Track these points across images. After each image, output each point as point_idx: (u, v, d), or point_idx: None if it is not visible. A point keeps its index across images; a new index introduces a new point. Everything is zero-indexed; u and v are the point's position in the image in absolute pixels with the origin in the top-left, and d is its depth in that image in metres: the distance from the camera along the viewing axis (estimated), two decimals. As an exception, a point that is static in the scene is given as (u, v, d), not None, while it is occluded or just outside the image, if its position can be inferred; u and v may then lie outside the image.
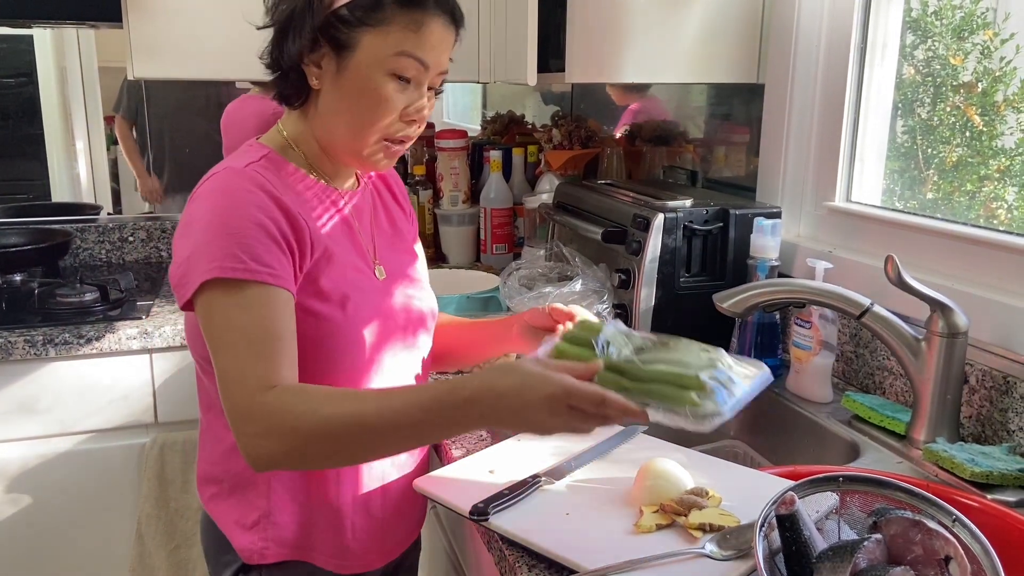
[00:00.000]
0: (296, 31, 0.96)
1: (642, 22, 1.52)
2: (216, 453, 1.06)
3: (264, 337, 0.89)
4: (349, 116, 0.98)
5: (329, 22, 0.95)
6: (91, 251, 2.37)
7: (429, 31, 0.96)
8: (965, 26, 1.37)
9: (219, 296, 0.89)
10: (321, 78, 0.98)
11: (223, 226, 0.91)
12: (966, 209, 1.37)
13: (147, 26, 1.76)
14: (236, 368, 0.88)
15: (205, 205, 0.94)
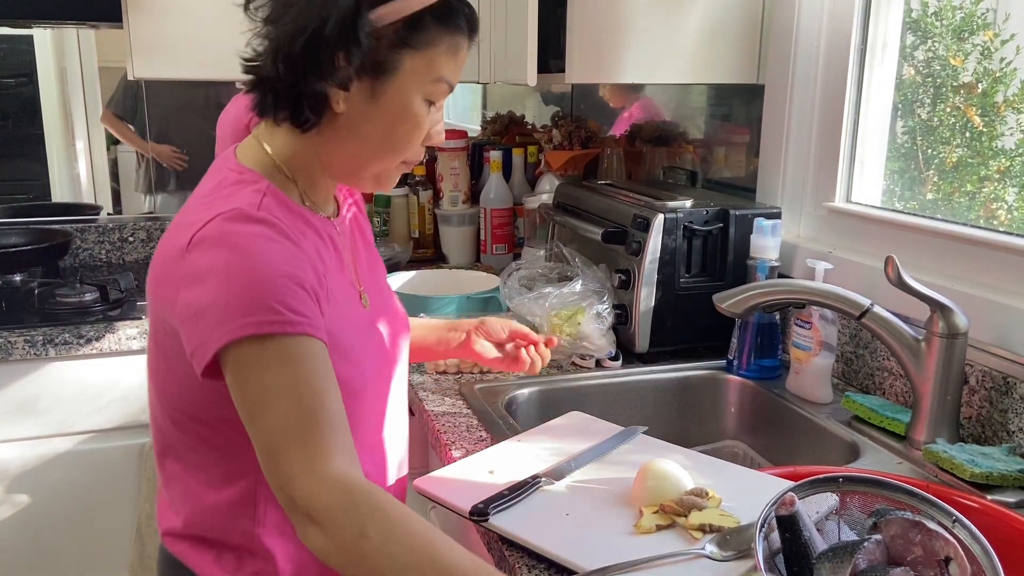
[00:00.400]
0: (330, 51, 0.85)
1: (642, 22, 1.52)
2: (196, 511, 0.95)
3: (315, 398, 0.80)
4: (380, 141, 0.91)
5: (371, 44, 0.86)
6: (91, 251, 2.37)
7: (462, 55, 0.92)
8: (965, 27, 1.37)
9: (254, 354, 0.79)
10: (348, 100, 0.88)
11: (249, 275, 0.81)
12: (966, 210, 1.37)
13: (147, 26, 1.76)
14: (290, 438, 0.78)
15: (218, 254, 0.82)
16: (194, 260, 0.83)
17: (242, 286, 0.81)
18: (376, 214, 2.31)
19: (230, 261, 0.82)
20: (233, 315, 0.80)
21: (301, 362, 0.81)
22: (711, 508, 0.90)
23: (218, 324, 0.80)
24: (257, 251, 0.82)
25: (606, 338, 1.43)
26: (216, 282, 0.81)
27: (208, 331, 0.80)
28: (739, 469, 1.04)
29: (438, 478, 1.03)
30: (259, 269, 0.82)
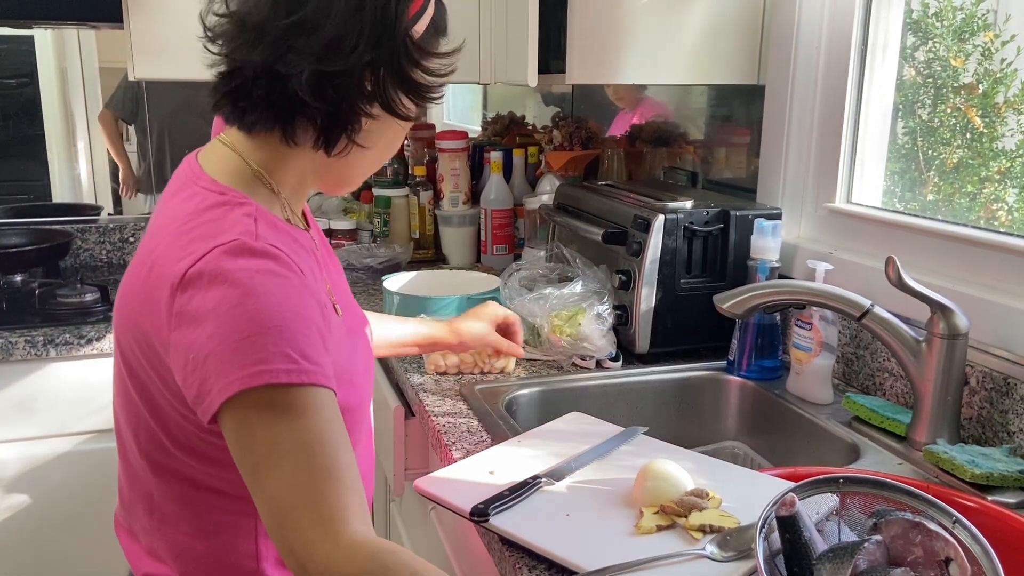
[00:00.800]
0: (380, 74, 0.82)
1: (643, 23, 1.52)
2: (189, 560, 0.90)
3: (327, 455, 0.73)
4: (385, 150, 0.92)
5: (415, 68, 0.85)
6: (91, 251, 2.37)
7: None
8: (966, 28, 1.37)
9: (263, 406, 0.73)
10: (369, 123, 0.86)
11: (257, 318, 0.74)
12: (967, 211, 1.37)
13: (148, 27, 1.76)
14: (304, 499, 0.71)
15: (221, 294, 0.75)
16: (190, 298, 0.76)
17: (251, 330, 0.73)
18: (376, 215, 2.32)
19: (236, 302, 0.74)
20: (242, 363, 0.73)
21: (314, 414, 0.74)
22: (711, 509, 0.90)
23: (224, 372, 0.73)
24: (264, 291, 0.75)
25: (606, 339, 1.43)
26: (221, 325, 0.74)
27: (213, 379, 0.73)
28: (739, 470, 1.04)
29: (439, 478, 1.03)
30: (269, 311, 0.74)
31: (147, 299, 0.80)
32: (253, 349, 0.73)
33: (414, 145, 2.45)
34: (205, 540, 0.88)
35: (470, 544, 1.16)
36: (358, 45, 0.80)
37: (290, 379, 0.73)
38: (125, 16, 1.76)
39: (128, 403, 0.87)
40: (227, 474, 0.82)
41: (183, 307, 0.76)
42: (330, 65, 0.80)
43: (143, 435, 0.87)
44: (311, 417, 0.74)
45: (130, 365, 0.85)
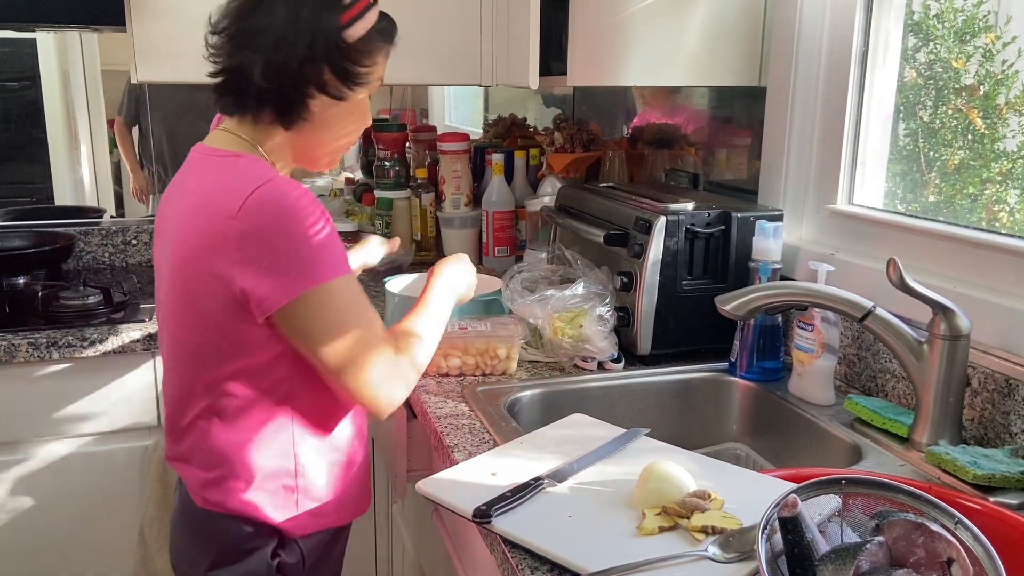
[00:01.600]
0: (316, 64, 1.06)
1: (644, 25, 1.52)
2: (236, 459, 1.11)
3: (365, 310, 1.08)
4: (343, 132, 1.14)
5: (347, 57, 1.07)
6: (94, 254, 2.37)
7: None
8: (967, 29, 1.37)
9: (339, 288, 1.04)
10: (322, 103, 1.09)
11: (304, 234, 1.01)
12: (968, 212, 1.37)
13: (150, 30, 1.77)
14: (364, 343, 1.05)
15: (274, 217, 1.00)
16: (249, 224, 1.00)
17: (302, 242, 1.00)
18: (378, 217, 2.32)
19: (286, 222, 1.00)
20: (301, 268, 1.01)
21: (354, 297, 1.06)
22: (714, 510, 0.90)
23: (300, 273, 1.00)
24: (303, 214, 1.01)
25: (608, 340, 1.43)
26: (278, 240, 1.00)
27: (280, 280, 1.00)
28: (741, 471, 1.04)
29: (441, 480, 1.03)
30: (308, 227, 1.01)
31: (209, 233, 1.03)
32: (311, 256, 1.01)
33: (416, 147, 2.46)
34: (251, 433, 1.10)
35: (473, 546, 1.17)
36: (296, 42, 1.04)
37: (336, 274, 1.03)
38: (128, 19, 1.76)
39: (185, 325, 1.11)
40: (266, 378, 1.09)
41: (245, 231, 1.00)
42: (276, 57, 1.04)
43: (204, 349, 1.09)
44: (353, 298, 1.06)
45: (192, 290, 1.07)
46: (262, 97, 1.07)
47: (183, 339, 1.12)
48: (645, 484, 0.95)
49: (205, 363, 1.10)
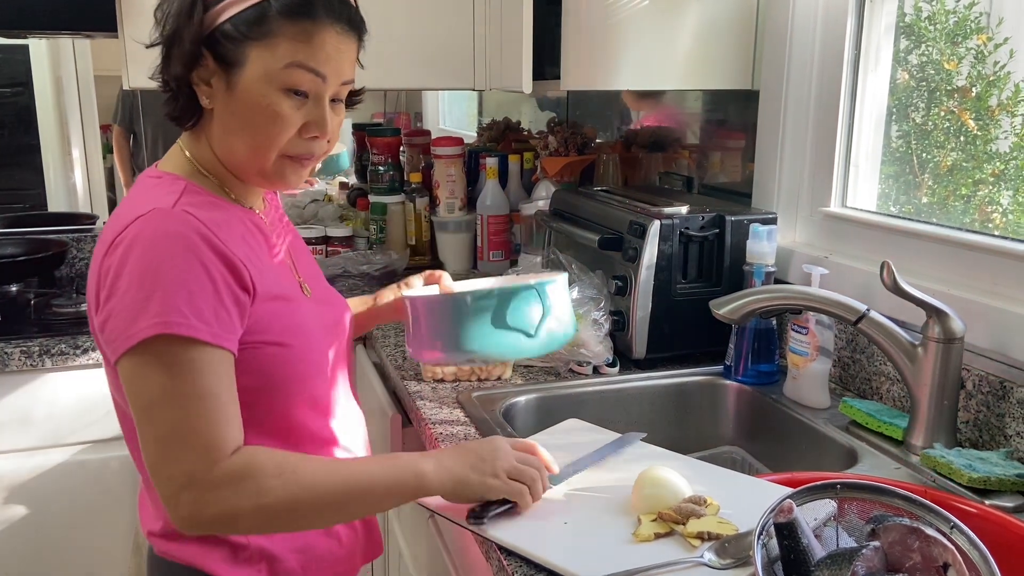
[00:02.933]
0: (181, 48, 0.92)
1: (637, 29, 1.52)
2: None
3: (213, 398, 0.86)
4: (246, 135, 0.94)
5: (213, 38, 0.92)
6: (87, 261, 2.36)
7: (322, 40, 0.92)
8: (959, 31, 1.37)
9: (158, 354, 0.84)
10: (212, 97, 0.94)
11: (159, 278, 0.85)
12: (961, 213, 1.38)
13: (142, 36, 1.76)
14: (186, 430, 0.85)
15: (136, 254, 0.86)
16: (110, 263, 0.88)
17: (150, 288, 0.85)
18: (372, 222, 2.32)
19: (140, 264, 0.86)
20: (139, 316, 0.84)
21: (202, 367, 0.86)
22: (710, 516, 0.90)
23: (125, 326, 0.84)
24: (166, 255, 0.86)
25: (603, 345, 1.43)
26: (125, 283, 0.85)
27: (116, 330, 0.85)
28: (737, 476, 1.04)
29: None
30: (166, 271, 0.85)
31: (93, 268, 0.92)
32: (151, 304, 0.84)
33: (410, 152, 2.46)
34: None
35: (468, 553, 1.16)
36: (169, 14, 0.94)
37: (180, 331, 0.84)
38: (119, 25, 1.76)
39: (107, 370, 0.97)
40: None
41: (104, 271, 0.88)
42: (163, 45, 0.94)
43: (120, 397, 0.96)
44: (186, 374, 0.85)
45: (97, 338, 0.94)
46: (165, 94, 0.96)
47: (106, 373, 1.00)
48: (641, 490, 0.95)
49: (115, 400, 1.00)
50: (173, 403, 0.85)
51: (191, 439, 0.85)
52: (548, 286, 1.15)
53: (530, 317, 1.12)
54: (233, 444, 0.87)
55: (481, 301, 1.10)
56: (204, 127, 0.98)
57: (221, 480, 0.85)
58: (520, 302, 1.11)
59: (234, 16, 0.91)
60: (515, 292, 1.12)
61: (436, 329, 1.12)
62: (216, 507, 0.85)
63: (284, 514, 0.88)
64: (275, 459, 0.88)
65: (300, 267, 1.09)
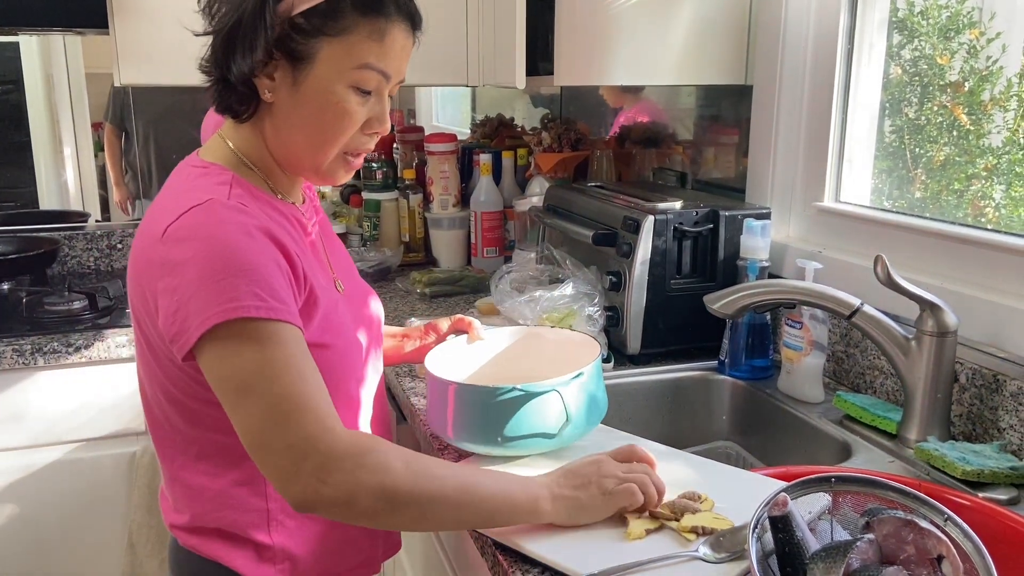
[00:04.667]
0: (246, 41, 0.88)
1: (630, 25, 1.52)
2: (205, 504, 0.98)
3: (311, 372, 0.84)
4: (310, 131, 0.93)
5: (285, 32, 0.89)
6: (79, 259, 2.36)
7: (392, 39, 0.92)
8: (951, 25, 1.38)
9: (244, 334, 0.82)
10: (275, 91, 0.92)
11: (231, 263, 0.83)
12: (954, 208, 1.38)
13: (133, 33, 1.75)
14: (299, 396, 0.81)
15: (201, 241, 0.84)
16: (170, 250, 0.85)
17: (223, 273, 0.82)
18: (366, 218, 2.31)
19: (208, 250, 0.84)
20: (218, 300, 0.81)
21: (281, 346, 0.83)
22: (704, 511, 0.90)
23: (202, 309, 0.82)
24: (234, 241, 0.84)
25: (598, 340, 1.42)
26: (195, 270, 0.83)
27: (193, 316, 0.82)
28: (732, 470, 1.04)
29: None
30: (238, 256, 0.83)
31: (143, 257, 0.90)
32: (227, 288, 0.82)
33: (403, 148, 2.45)
34: (216, 480, 0.96)
35: (465, 549, 1.16)
36: (217, 15, 0.91)
37: (259, 314, 0.82)
38: (110, 22, 1.75)
39: (140, 353, 0.96)
40: (233, 432, 0.86)
41: (164, 258, 0.85)
42: (215, 38, 0.91)
43: (155, 382, 0.95)
44: (278, 348, 0.83)
45: (138, 318, 0.94)
46: (217, 86, 0.94)
47: (139, 365, 1.00)
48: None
49: (145, 391, 0.98)
50: (276, 374, 0.82)
51: (306, 404, 0.81)
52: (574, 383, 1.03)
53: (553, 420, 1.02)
54: (338, 421, 0.83)
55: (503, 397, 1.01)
56: (257, 120, 0.95)
57: (345, 449, 0.81)
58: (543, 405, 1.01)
59: (307, 9, 0.88)
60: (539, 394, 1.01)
61: (460, 417, 1.05)
62: (339, 478, 0.80)
63: (404, 498, 0.82)
64: (398, 449, 0.85)
65: (334, 261, 1.08)
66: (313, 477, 0.80)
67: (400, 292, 2.01)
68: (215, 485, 0.97)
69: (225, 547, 0.98)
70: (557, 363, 1.12)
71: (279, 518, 0.98)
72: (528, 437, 1.01)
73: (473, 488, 0.86)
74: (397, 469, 0.82)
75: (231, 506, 0.97)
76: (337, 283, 1.05)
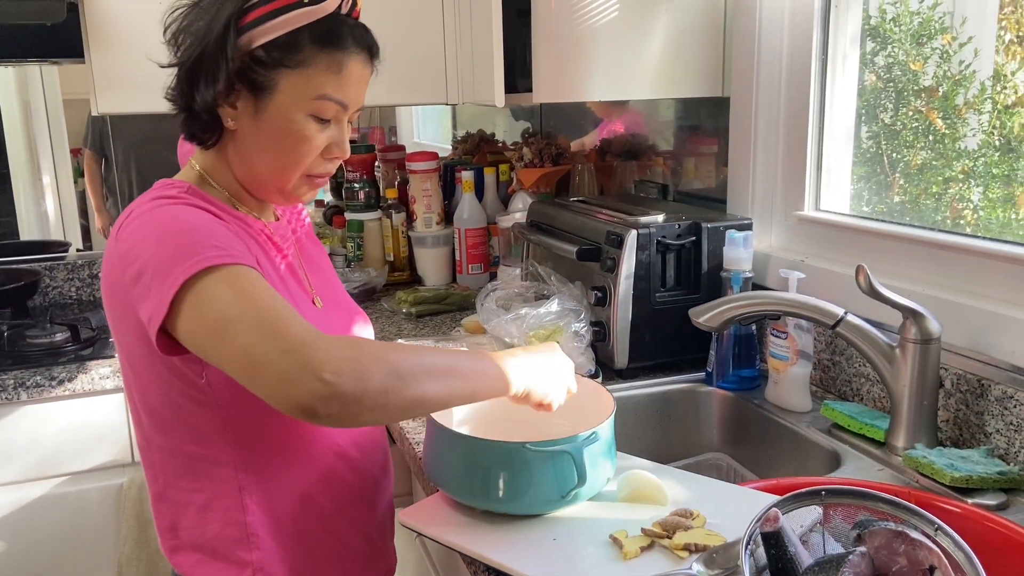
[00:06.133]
0: (209, 73, 0.92)
1: (607, 40, 1.53)
2: (188, 520, 1.00)
3: (281, 299, 0.85)
4: (272, 156, 0.97)
5: (246, 64, 0.92)
6: (60, 289, 2.34)
7: (350, 71, 0.96)
8: (923, 32, 1.39)
9: (209, 286, 0.83)
10: (237, 119, 0.96)
11: (183, 230, 0.87)
12: (933, 211, 1.39)
13: (109, 61, 1.75)
14: (278, 316, 0.81)
15: (145, 229, 0.89)
16: (124, 241, 0.90)
17: (178, 239, 0.86)
18: (349, 239, 2.30)
19: (160, 228, 0.88)
20: (178, 262, 0.84)
21: (248, 282, 0.85)
22: (696, 527, 0.89)
23: (167, 274, 0.84)
24: (181, 215, 0.90)
25: (585, 356, 1.43)
26: (152, 247, 0.87)
27: (160, 285, 0.84)
28: (722, 485, 1.04)
29: (422, 509, 1.02)
30: (188, 224, 0.88)
31: (108, 267, 0.93)
32: (185, 248, 0.85)
33: (385, 167, 2.45)
34: (198, 495, 0.98)
35: (456, 571, 1.15)
36: (196, 39, 0.94)
37: (221, 260, 0.85)
38: (87, 52, 1.74)
39: (126, 374, 0.99)
40: (206, 426, 0.94)
41: (124, 252, 0.89)
42: (180, 67, 0.95)
43: (140, 405, 0.98)
44: (247, 280, 0.85)
45: (117, 334, 0.96)
46: (183, 113, 0.98)
47: (126, 388, 1.01)
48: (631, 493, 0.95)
49: (135, 412, 1.00)
50: (253, 297, 0.83)
51: (288, 315, 0.82)
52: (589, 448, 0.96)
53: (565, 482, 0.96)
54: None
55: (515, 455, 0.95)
56: (222, 146, 0.99)
57: (339, 342, 0.82)
58: (558, 464, 0.95)
59: (267, 42, 0.92)
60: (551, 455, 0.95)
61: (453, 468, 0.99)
62: (345, 365, 0.79)
63: (407, 371, 0.84)
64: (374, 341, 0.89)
65: (316, 281, 1.10)
66: (321, 370, 0.78)
67: (386, 312, 2.01)
68: (196, 500, 0.98)
69: (211, 566, 0.99)
70: (567, 409, 1.05)
71: (259, 534, 0.99)
72: (533, 498, 0.95)
73: (455, 363, 0.91)
74: (389, 349, 0.86)
75: (212, 521, 0.98)
76: (316, 299, 1.07)
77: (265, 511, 0.99)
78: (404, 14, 1.90)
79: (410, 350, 0.89)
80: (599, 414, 1.01)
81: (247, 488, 0.97)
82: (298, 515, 1.01)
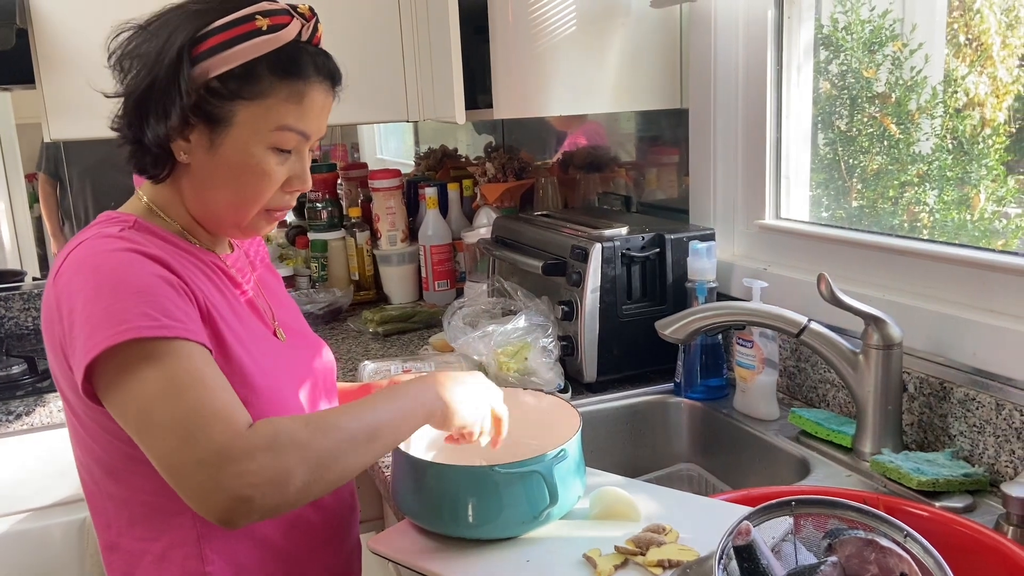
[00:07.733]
0: (160, 105, 0.87)
1: (565, 55, 1.54)
2: (143, 571, 0.95)
3: (213, 380, 0.81)
4: (229, 192, 0.92)
5: (201, 96, 0.87)
6: (16, 319, 2.28)
7: (311, 100, 0.92)
8: (875, 39, 1.42)
9: (136, 360, 0.79)
10: (191, 152, 0.90)
11: (118, 287, 0.81)
12: (891, 215, 1.41)
13: (60, 87, 1.71)
14: (202, 409, 0.78)
15: (85, 272, 0.83)
16: (60, 288, 0.85)
17: (110, 298, 0.81)
18: (313, 259, 2.28)
19: (94, 279, 0.83)
20: (104, 325, 0.79)
21: (181, 361, 0.80)
22: (670, 543, 0.89)
23: (89, 337, 0.80)
24: (118, 265, 0.83)
25: (554, 371, 1.42)
26: (81, 300, 0.82)
27: (82, 348, 0.80)
28: (693, 498, 1.04)
29: (392, 536, 1.00)
30: (124, 279, 0.82)
31: (45, 308, 0.89)
32: (116, 312, 0.80)
33: (347, 186, 2.43)
34: (152, 545, 0.93)
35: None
36: (130, 74, 0.90)
37: (152, 333, 0.79)
38: (37, 78, 1.71)
39: (71, 426, 0.94)
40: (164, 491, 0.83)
41: (57, 299, 0.85)
42: (127, 98, 0.90)
43: (85, 452, 0.93)
44: (178, 363, 0.80)
45: (60, 384, 0.91)
46: (131, 146, 0.92)
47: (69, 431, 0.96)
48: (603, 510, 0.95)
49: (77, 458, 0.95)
50: (177, 391, 0.79)
51: (209, 417, 0.78)
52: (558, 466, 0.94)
53: (537, 503, 0.94)
54: (247, 419, 0.81)
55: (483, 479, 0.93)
56: (174, 179, 0.93)
57: (255, 446, 0.78)
58: (529, 485, 0.93)
59: (223, 73, 0.87)
60: (520, 476, 0.92)
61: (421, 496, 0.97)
62: (262, 472, 0.77)
63: (327, 458, 0.81)
64: (294, 418, 0.84)
65: (278, 313, 1.06)
66: (237, 487, 0.76)
67: (352, 333, 1.99)
68: (152, 549, 0.93)
69: None
70: (532, 427, 1.05)
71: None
72: (505, 521, 0.94)
73: (377, 423, 0.87)
74: (308, 436, 0.81)
75: (169, 571, 0.93)
76: (278, 332, 1.03)
77: (226, 560, 0.94)
78: (362, 33, 1.89)
79: (333, 421, 0.85)
80: (566, 430, 1.00)
81: (206, 536, 0.92)
82: (261, 562, 0.96)
